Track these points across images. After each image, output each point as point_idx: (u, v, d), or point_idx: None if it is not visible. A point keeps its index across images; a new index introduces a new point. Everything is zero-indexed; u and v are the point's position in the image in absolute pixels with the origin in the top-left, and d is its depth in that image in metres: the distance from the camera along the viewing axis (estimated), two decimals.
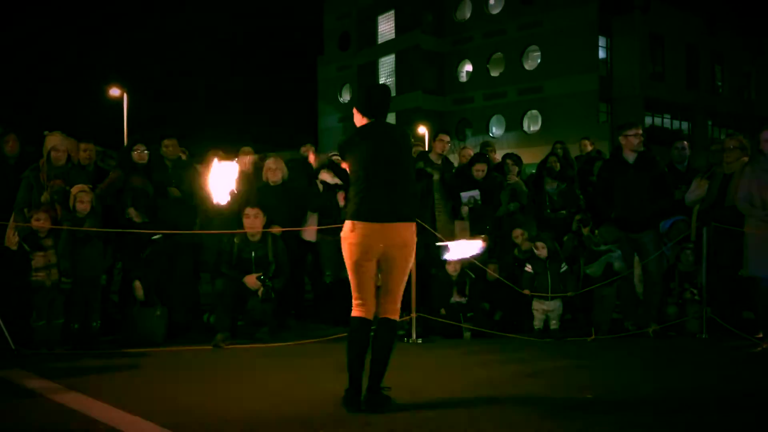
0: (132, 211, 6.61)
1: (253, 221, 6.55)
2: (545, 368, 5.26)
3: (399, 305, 4.16)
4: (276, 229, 6.82)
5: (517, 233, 7.36)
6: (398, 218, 4.03)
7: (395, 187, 4.06)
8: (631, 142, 6.76)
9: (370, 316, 4.07)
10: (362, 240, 3.99)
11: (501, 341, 6.44)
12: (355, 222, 4.02)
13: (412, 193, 4.20)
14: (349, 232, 4.04)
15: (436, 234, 6.70)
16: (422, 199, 7.25)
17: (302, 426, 3.63)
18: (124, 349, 5.98)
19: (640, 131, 6.76)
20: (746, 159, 6.58)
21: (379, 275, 4.13)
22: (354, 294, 4.09)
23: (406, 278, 4.15)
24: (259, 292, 6.37)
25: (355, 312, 4.06)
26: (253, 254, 6.53)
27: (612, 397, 4.33)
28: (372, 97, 4.30)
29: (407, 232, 4.06)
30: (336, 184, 7.36)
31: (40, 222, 5.93)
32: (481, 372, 5.09)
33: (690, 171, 7.52)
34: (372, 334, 4.04)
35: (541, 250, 6.84)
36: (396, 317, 4.13)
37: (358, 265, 4.03)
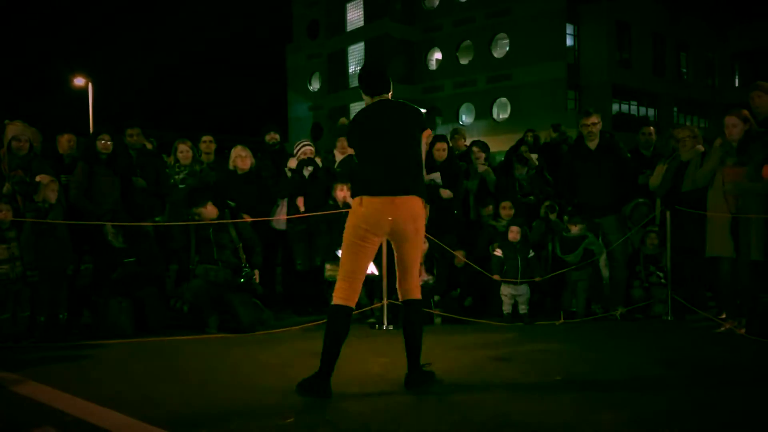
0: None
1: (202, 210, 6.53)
2: (515, 352, 5.32)
3: (418, 283, 4.18)
4: (245, 219, 6.79)
5: (506, 205, 7.37)
6: (405, 191, 3.98)
7: (396, 161, 4.02)
8: (583, 132, 6.89)
9: (353, 304, 4.02)
10: (371, 214, 3.93)
11: (471, 326, 6.49)
12: (363, 197, 3.96)
13: (417, 169, 4.09)
14: (357, 207, 3.97)
15: None
16: None
17: (274, 414, 3.62)
18: (91, 341, 5.91)
19: (590, 122, 6.83)
20: (701, 147, 6.69)
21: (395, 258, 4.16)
22: (341, 279, 3.98)
23: (420, 255, 4.18)
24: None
25: (338, 299, 3.97)
26: (211, 231, 6.46)
27: (580, 378, 4.40)
28: (368, 76, 4.26)
29: (416, 206, 4.03)
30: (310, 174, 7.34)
31: (2, 213, 5.80)
32: (451, 356, 5.12)
33: (655, 156, 7.64)
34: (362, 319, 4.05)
35: (515, 234, 6.88)
36: (418, 296, 4.15)
37: (359, 244, 3.96)
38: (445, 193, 7.15)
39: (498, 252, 6.88)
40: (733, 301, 6.10)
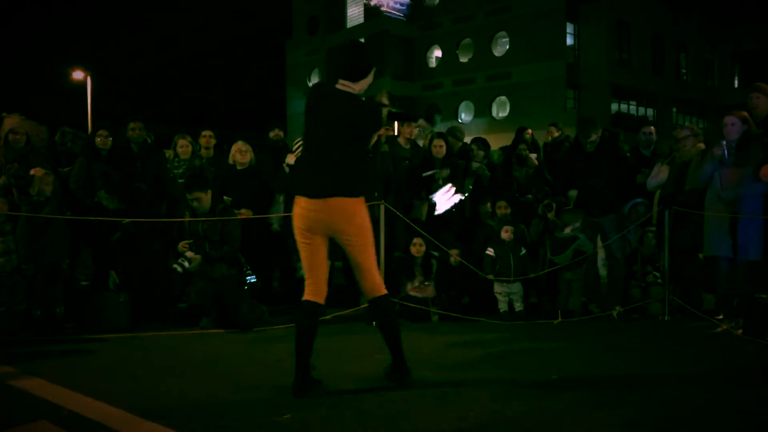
0: (103, 195, 6.47)
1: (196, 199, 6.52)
2: (512, 350, 5.32)
3: (379, 280, 4.04)
4: (245, 215, 6.78)
5: (501, 205, 7.35)
6: (337, 192, 3.86)
7: (336, 162, 3.87)
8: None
9: (321, 300, 3.99)
10: (304, 215, 3.90)
11: (468, 324, 6.48)
12: (298, 197, 3.94)
13: (356, 169, 3.92)
14: (294, 207, 3.96)
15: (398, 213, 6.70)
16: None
17: (270, 410, 3.62)
18: (87, 335, 5.90)
19: (589, 141, 6.83)
20: (702, 145, 6.70)
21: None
22: (305, 276, 4.00)
23: (370, 253, 4.01)
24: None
25: (306, 295, 3.98)
26: (200, 227, 6.45)
27: (576, 377, 4.40)
28: (345, 57, 4.00)
29: (350, 207, 3.89)
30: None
31: None
32: (448, 354, 5.13)
33: (655, 156, 7.64)
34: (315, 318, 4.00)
35: (508, 234, 6.87)
36: (382, 292, 4.04)
37: (303, 243, 3.95)
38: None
39: (490, 251, 6.87)
40: (731, 302, 6.11)
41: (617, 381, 4.32)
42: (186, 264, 6.23)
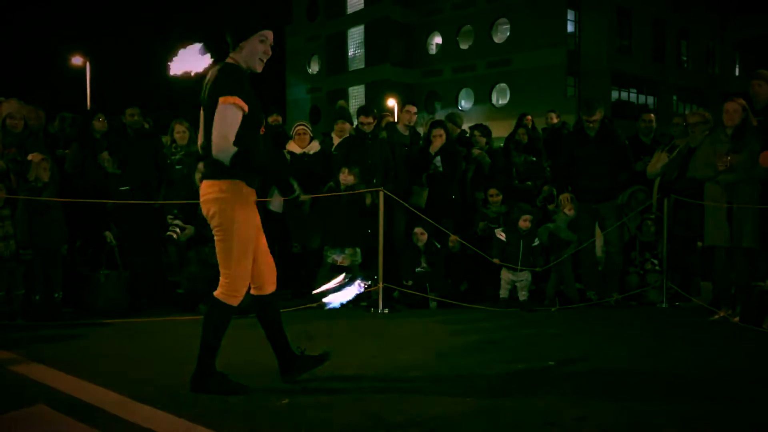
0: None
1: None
2: (509, 337, 5.34)
3: (234, 286, 3.72)
4: None
5: (492, 192, 7.34)
6: (204, 176, 3.66)
7: (206, 141, 3.60)
8: (584, 124, 6.88)
9: (261, 291, 3.98)
10: None
11: (467, 311, 6.50)
12: None
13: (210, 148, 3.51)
14: None
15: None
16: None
17: (268, 394, 3.64)
18: (86, 320, 5.91)
19: (593, 119, 6.80)
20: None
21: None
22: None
23: (227, 254, 3.63)
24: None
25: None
26: (199, 209, 6.45)
27: (573, 364, 4.40)
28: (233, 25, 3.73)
29: (208, 191, 3.60)
30: (304, 154, 7.35)
31: None
32: (445, 340, 5.14)
33: (654, 143, 7.63)
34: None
35: (525, 223, 6.81)
36: (228, 300, 3.77)
37: None
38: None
39: (501, 235, 6.83)
40: (728, 290, 6.12)
41: (614, 367, 4.33)
42: (178, 231, 6.24)
